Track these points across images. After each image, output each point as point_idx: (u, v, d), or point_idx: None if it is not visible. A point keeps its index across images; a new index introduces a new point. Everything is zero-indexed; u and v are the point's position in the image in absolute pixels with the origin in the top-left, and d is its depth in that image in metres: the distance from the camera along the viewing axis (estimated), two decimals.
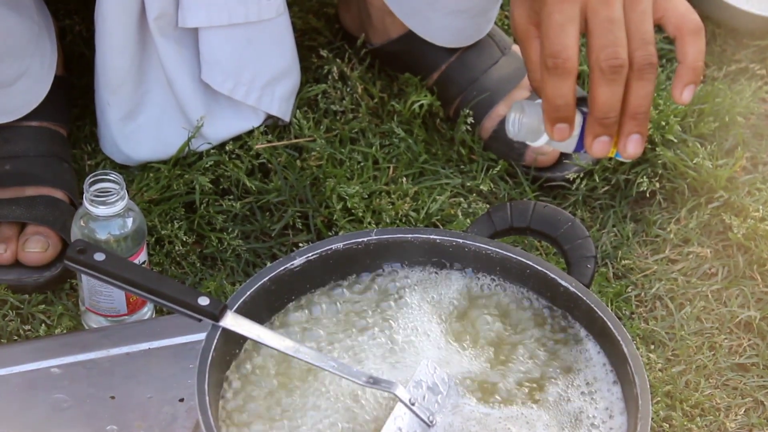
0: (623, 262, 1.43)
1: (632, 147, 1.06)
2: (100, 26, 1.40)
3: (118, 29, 1.38)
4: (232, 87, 1.44)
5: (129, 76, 1.42)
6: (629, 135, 1.06)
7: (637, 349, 1.26)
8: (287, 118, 1.50)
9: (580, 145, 1.08)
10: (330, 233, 1.43)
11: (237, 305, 1.12)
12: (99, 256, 1.13)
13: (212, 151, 1.48)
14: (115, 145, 1.46)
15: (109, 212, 1.27)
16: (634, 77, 1.04)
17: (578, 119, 1.07)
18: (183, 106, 1.44)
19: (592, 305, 1.14)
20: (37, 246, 1.37)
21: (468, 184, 1.49)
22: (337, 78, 1.54)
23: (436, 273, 1.19)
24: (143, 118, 1.45)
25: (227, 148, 1.48)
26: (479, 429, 1.09)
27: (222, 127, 1.47)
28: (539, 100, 1.07)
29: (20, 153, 1.41)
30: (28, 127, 1.43)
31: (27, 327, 1.35)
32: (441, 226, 1.44)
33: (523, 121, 1.09)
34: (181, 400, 1.22)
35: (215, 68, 1.43)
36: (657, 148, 1.51)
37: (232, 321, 1.10)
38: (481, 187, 1.48)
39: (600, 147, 1.06)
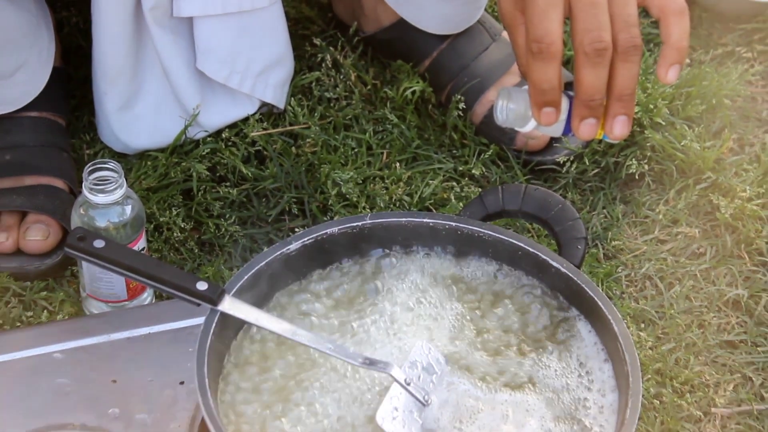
0: (613, 242, 1.44)
1: (619, 128, 1.06)
2: (96, 17, 1.40)
3: (114, 20, 1.39)
4: (226, 75, 1.45)
5: (126, 67, 1.42)
6: (616, 116, 1.06)
7: (628, 327, 1.25)
8: (282, 106, 1.50)
9: (568, 129, 1.09)
10: (325, 218, 1.44)
11: (235, 289, 1.13)
12: (99, 243, 1.14)
13: (209, 139, 1.48)
14: (113, 134, 1.47)
15: (108, 200, 1.28)
16: (619, 59, 1.04)
17: (565, 103, 1.08)
18: (179, 94, 1.45)
19: (583, 285, 1.15)
20: (38, 234, 1.37)
21: (460, 168, 1.49)
22: (330, 66, 1.55)
23: (429, 256, 1.20)
24: (140, 108, 1.46)
25: (223, 135, 1.48)
26: (474, 407, 1.10)
27: (218, 115, 1.48)
28: (526, 86, 1.07)
29: (20, 143, 1.42)
30: (27, 117, 1.43)
31: (29, 313, 1.35)
32: (434, 210, 1.45)
33: (511, 108, 1.09)
34: (182, 382, 1.23)
35: (210, 57, 1.43)
36: (645, 131, 1.51)
37: (230, 305, 1.11)
38: (473, 171, 1.49)
39: (587, 129, 1.06)
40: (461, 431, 1.09)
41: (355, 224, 1.18)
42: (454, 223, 1.19)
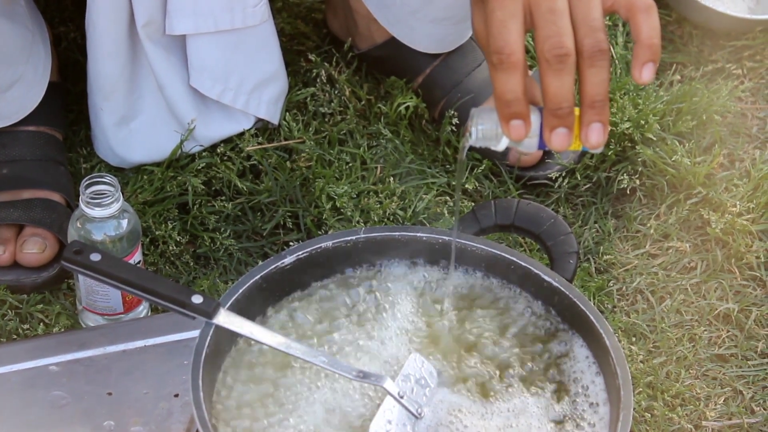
0: (605, 257, 1.45)
1: (594, 136, 1.03)
2: (90, 33, 1.41)
3: (108, 36, 1.39)
4: (220, 92, 1.45)
5: (121, 82, 1.43)
6: (590, 124, 1.03)
7: (619, 341, 1.26)
8: (275, 121, 1.51)
9: (543, 143, 1.06)
10: (320, 232, 1.45)
11: (230, 303, 1.13)
12: (95, 257, 1.14)
13: (204, 153, 1.49)
14: (110, 149, 1.47)
15: (104, 214, 1.29)
16: (586, 65, 1.01)
17: (536, 117, 1.05)
18: (174, 110, 1.46)
19: (575, 299, 1.15)
20: (35, 247, 1.38)
21: (453, 183, 1.50)
22: (325, 81, 1.56)
23: (422, 270, 1.21)
24: (136, 123, 1.46)
25: (219, 150, 1.49)
26: (465, 420, 1.11)
27: (213, 130, 1.49)
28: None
29: (18, 157, 1.42)
30: (24, 131, 1.44)
31: (26, 326, 1.36)
32: (427, 224, 1.46)
33: (480, 128, 1.06)
34: (176, 395, 1.23)
35: (203, 74, 1.44)
36: (637, 146, 1.52)
37: (225, 318, 1.12)
38: (466, 185, 1.49)
39: (559, 139, 1.03)
40: None
41: (349, 238, 1.19)
42: (447, 238, 1.19)
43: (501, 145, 1.07)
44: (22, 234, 1.40)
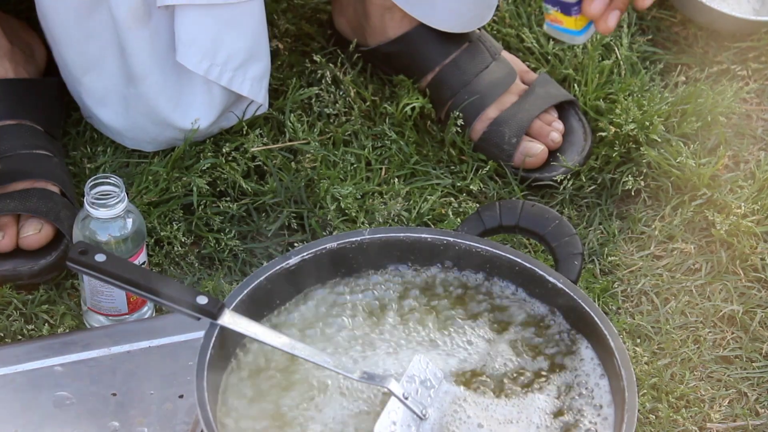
0: (609, 258, 1.45)
1: (612, 20, 1.25)
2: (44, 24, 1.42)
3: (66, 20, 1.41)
4: (207, 67, 1.43)
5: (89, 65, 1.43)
6: (614, 9, 1.25)
7: (624, 343, 1.27)
8: (259, 100, 1.48)
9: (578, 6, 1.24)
10: (324, 233, 1.45)
11: (234, 303, 1.14)
12: (100, 257, 1.15)
13: (209, 154, 1.50)
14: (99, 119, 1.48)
15: (109, 214, 1.29)
16: None
17: None
18: (149, 99, 1.44)
19: (580, 301, 1.16)
20: (32, 229, 1.37)
21: (458, 184, 1.50)
22: (330, 82, 1.56)
23: (426, 271, 1.21)
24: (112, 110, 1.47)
25: (224, 150, 1.50)
26: (468, 411, 1.12)
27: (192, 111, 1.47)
28: None
29: (8, 150, 1.42)
30: (8, 125, 1.43)
31: (30, 326, 1.36)
32: (432, 225, 1.46)
33: None
34: (181, 396, 1.24)
35: (191, 48, 1.42)
36: (641, 148, 1.52)
37: (230, 319, 1.12)
38: (471, 187, 1.50)
39: (599, 5, 1.24)
40: None
41: (353, 239, 1.19)
42: (451, 239, 1.20)
43: None
44: (19, 223, 1.39)
